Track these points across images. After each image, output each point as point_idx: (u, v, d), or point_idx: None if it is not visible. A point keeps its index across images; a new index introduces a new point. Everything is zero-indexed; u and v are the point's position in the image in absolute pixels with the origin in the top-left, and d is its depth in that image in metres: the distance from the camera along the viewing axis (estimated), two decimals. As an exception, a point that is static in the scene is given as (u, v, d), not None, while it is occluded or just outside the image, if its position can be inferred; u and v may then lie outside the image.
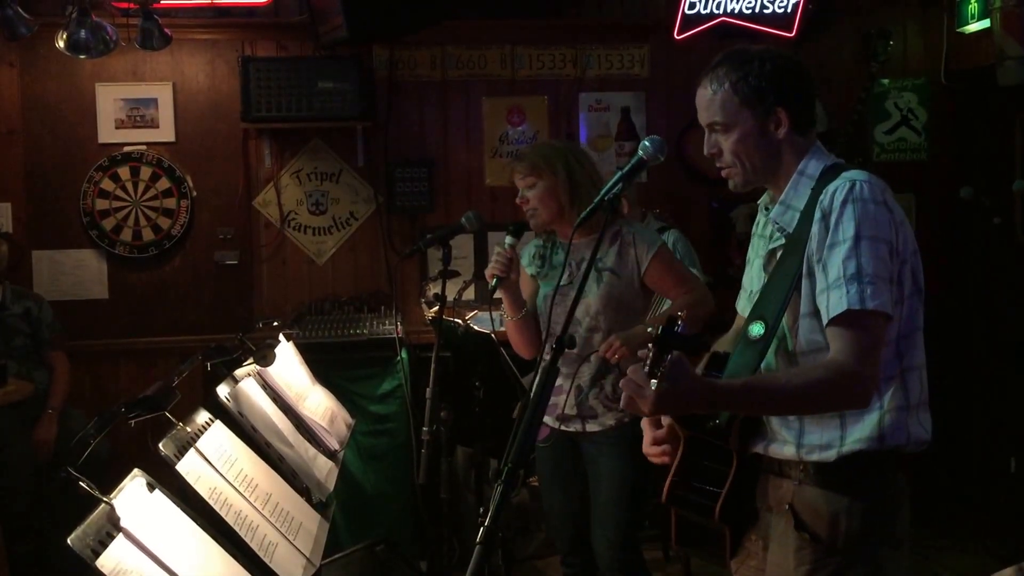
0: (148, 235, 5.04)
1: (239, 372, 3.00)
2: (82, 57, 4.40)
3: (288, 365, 3.48)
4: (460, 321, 4.00)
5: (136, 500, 2.01)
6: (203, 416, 2.60)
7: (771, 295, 2.01)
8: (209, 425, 2.58)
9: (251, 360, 3.08)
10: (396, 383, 4.47)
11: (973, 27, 5.05)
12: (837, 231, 1.91)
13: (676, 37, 5.18)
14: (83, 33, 4.22)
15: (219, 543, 2.17)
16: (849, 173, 1.97)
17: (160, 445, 2.28)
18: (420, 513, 4.43)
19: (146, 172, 5.01)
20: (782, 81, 2.02)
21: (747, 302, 2.18)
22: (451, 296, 4.00)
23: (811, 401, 1.93)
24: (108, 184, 4.99)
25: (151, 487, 2.08)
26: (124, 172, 5.00)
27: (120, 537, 1.88)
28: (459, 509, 4.47)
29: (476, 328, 3.81)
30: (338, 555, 3.83)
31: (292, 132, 5.04)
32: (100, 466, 2.22)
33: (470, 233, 3.55)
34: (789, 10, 5.22)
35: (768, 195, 2.15)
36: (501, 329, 3.40)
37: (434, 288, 4.36)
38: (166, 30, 4.50)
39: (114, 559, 1.82)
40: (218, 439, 2.55)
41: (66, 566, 1.84)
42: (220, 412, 2.71)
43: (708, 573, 4.15)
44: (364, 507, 4.44)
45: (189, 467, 2.30)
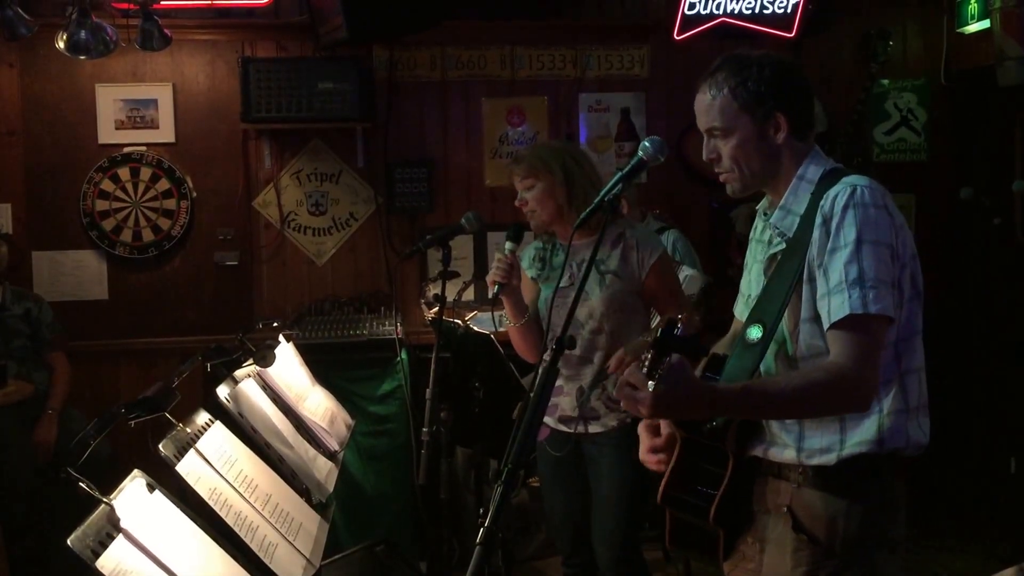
0: (148, 236, 5.04)
1: (239, 373, 3.00)
2: (82, 58, 4.40)
3: (288, 366, 3.48)
4: (460, 322, 4.00)
5: (136, 501, 2.01)
6: (203, 417, 2.61)
7: (770, 299, 2.01)
8: (209, 426, 2.58)
9: (251, 361, 3.08)
10: (396, 384, 4.48)
11: (973, 27, 5.05)
12: (838, 236, 1.91)
13: (676, 37, 5.18)
14: (83, 34, 4.22)
15: (219, 544, 2.17)
16: (849, 178, 1.98)
17: (160, 446, 2.29)
18: (420, 514, 4.43)
19: (146, 173, 5.02)
20: (781, 86, 2.02)
21: (745, 307, 2.18)
22: (451, 297, 4.00)
23: (810, 405, 1.93)
24: (108, 185, 4.99)
25: (151, 488, 2.08)
26: (124, 173, 5.01)
27: (120, 538, 1.88)
28: (459, 510, 4.47)
29: (476, 329, 3.81)
30: (338, 556, 3.82)
31: (292, 133, 5.04)
32: (100, 467, 2.21)
33: (470, 234, 3.55)
34: (789, 10, 5.22)
35: (767, 200, 2.15)
36: (501, 330, 3.40)
37: (434, 289, 4.36)
38: (166, 31, 4.50)
39: (114, 560, 1.83)
40: (218, 440, 2.56)
41: (66, 567, 1.84)
42: (220, 413, 2.71)
43: (708, 574, 4.14)
44: (364, 508, 4.44)
45: (189, 468, 2.30)
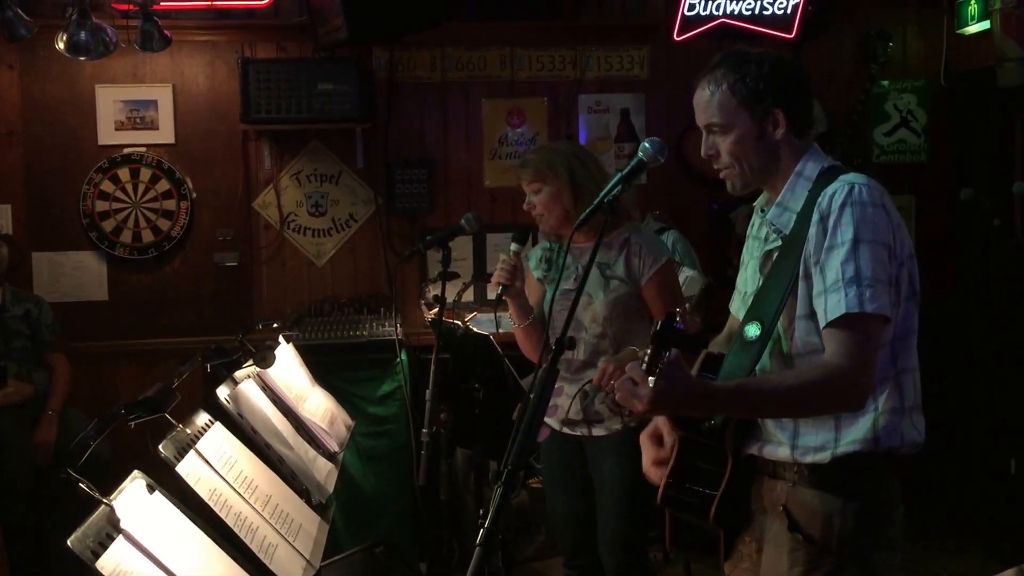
0: (148, 237, 5.04)
1: (239, 374, 3.00)
2: (82, 59, 4.40)
3: (288, 367, 3.48)
4: (460, 323, 4.00)
5: (136, 502, 2.01)
6: (203, 418, 2.60)
7: (767, 297, 2.01)
8: (209, 427, 2.58)
9: (251, 362, 3.08)
10: (396, 385, 4.47)
11: (973, 28, 5.05)
12: (835, 234, 1.91)
13: (676, 38, 5.18)
14: (83, 35, 4.22)
15: (219, 544, 2.17)
16: (847, 176, 1.98)
17: (160, 447, 2.28)
18: (420, 515, 4.43)
19: (146, 174, 5.02)
20: (780, 83, 2.02)
21: (741, 303, 2.18)
22: (450, 298, 3.99)
23: (806, 404, 1.94)
24: (108, 186, 4.99)
25: (151, 488, 2.08)
26: (124, 174, 5.00)
27: (120, 539, 1.88)
28: (459, 511, 4.47)
29: (475, 330, 3.81)
30: (337, 557, 3.82)
31: (292, 134, 5.04)
32: (100, 468, 2.21)
33: (470, 235, 3.56)
34: (789, 11, 5.22)
35: (764, 196, 2.15)
36: (500, 331, 3.40)
37: (433, 290, 4.35)
38: (166, 32, 4.50)
39: (114, 560, 1.83)
40: (218, 441, 2.56)
41: (66, 567, 1.84)
42: (220, 414, 2.71)
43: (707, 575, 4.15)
44: (364, 509, 4.43)
45: (189, 468, 2.30)
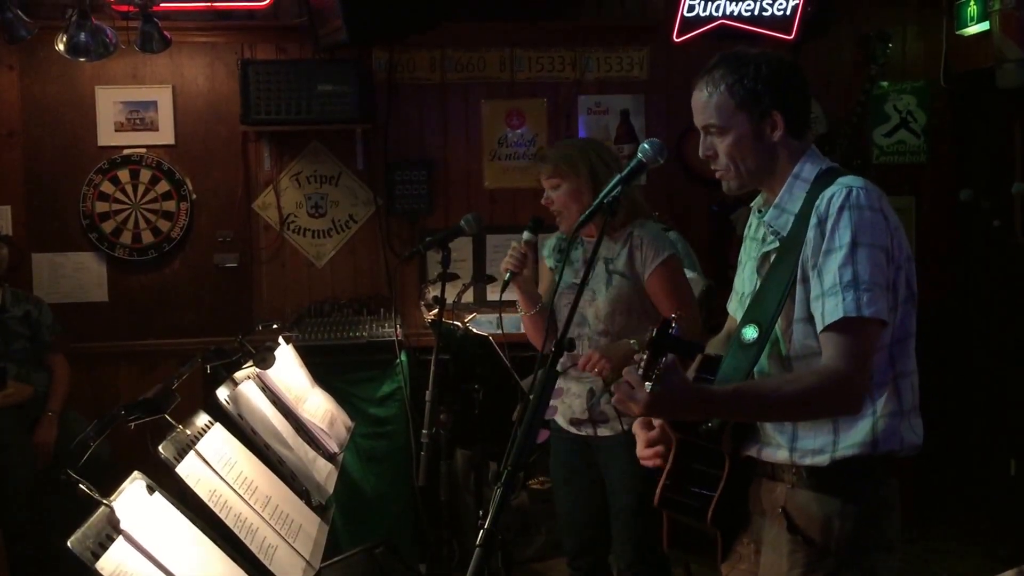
0: (148, 238, 5.04)
1: (239, 375, 3.00)
2: (82, 60, 4.41)
3: (287, 368, 3.48)
4: (459, 324, 3.99)
5: (136, 503, 2.01)
6: (203, 419, 2.61)
7: (765, 299, 2.01)
8: (209, 428, 2.58)
9: (251, 363, 3.08)
10: (395, 386, 4.47)
11: (972, 29, 5.04)
12: (833, 237, 1.91)
13: (675, 39, 5.18)
14: (83, 36, 4.23)
15: (219, 545, 2.17)
16: (845, 179, 1.97)
17: (160, 448, 2.28)
18: (420, 515, 4.43)
19: (146, 175, 5.02)
20: (778, 84, 2.02)
21: (738, 304, 2.18)
22: (450, 299, 3.98)
23: (803, 408, 1.94)
24: (108, 187, 5.00)
25: (151, 490, 2.08)
26: (124, 175, 5.01)
27: (120, 540, 1.88)
28: (459, 511, 4.47)
29: (475, 331, 3.81)
30: (337, 558, 3.80)
31: (291, 135, 5.04)
32: (100, 469, 2.21)
33: (469, 236, 3.55)
34: (788, 12, 5.22)
35: (762, 197, 2.15)
36: (501, 331, 3.40)
37: (433, 291, 4.34)
38: (166, 33, 4.51)
39: (114, 562, 1.83)
40: (218, 442, 2.55)
41: (66, 568, 1.84)
42: (220, 415, 2.71)
43: None
44: (363, 510, 4.43)
45: (189, 469, 2.30)
